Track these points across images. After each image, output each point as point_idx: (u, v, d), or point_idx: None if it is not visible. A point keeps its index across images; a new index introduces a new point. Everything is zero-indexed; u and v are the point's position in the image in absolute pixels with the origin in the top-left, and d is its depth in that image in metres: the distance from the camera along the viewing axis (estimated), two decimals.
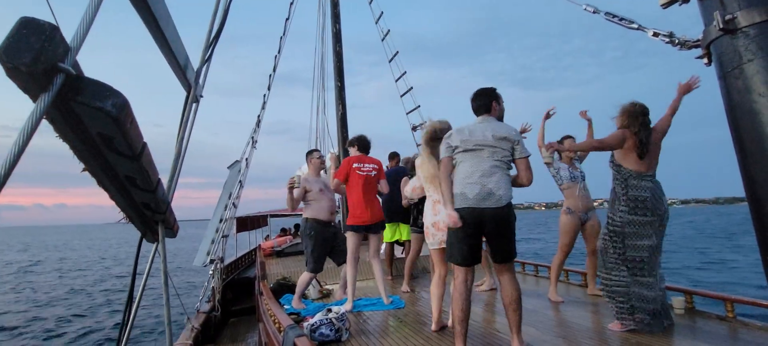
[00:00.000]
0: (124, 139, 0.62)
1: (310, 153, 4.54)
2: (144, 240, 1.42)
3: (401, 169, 5.36)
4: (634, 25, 1.53)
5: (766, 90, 1.12)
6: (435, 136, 3.13)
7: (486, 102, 2.77)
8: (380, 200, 4.40)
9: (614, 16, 1.64)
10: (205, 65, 1.25)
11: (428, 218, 3.24)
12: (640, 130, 2.95)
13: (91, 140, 0.64)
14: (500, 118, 2.86)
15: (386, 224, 5.43)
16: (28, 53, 0.45)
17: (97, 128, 0.60)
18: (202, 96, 1.29)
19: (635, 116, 2.98)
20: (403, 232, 5.35)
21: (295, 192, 4.17)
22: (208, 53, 1.21)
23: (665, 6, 1.37)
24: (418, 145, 6.76)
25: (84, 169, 0.73)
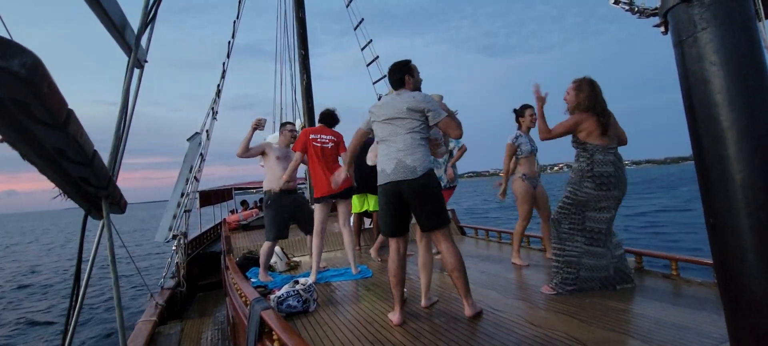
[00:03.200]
0: (43, 106, 0.55)
1: (283, 125, 4.61)
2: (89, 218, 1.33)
3: (369, 140, 5.32)
4: None
5: (718, 59, 1.15)
6: None
7: (399, 76, 2.87)
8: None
9: None
10: (149, 27, 1.14)
11: None
12: (603, 109, 3.05)
13: (4, 107, 0.56)
14: (416, 90, 2.93)
15: (355, 195, 5.42)
16: None
17: (8, 93, 0.52)
18: (146, 61, 1.19)
19: (597, 96, 3.06)
20: (371, 202, 5.36)
21: (254, 132, 4.16)
22: (151, 13, 1.10)
23: None
24: None
25: (1, 141, 0.65)
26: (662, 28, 1.37)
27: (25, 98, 0.52)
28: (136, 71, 1.13)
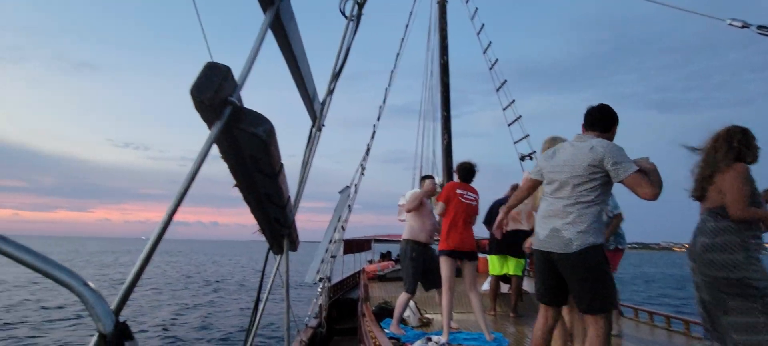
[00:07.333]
0: (268, 160, 0.73)
1: (424, 178, 4.77)
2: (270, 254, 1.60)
3: (504, 199, 5.13)
4: None
5: None
6: None
7: (605, 120, 2.41)
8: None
9: None
10: (329, 97, 1.40)
11: None
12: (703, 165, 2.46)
13: (243, 161, 0.77)
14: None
15: (494, 255, 5.20)
16: (210, 89, 0.58)
17: (250, 150, 0.72)
18: (324, 125, 1.44)
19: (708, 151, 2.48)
20: (511, 265, 5.04)
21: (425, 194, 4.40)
22: (332, 86, 1.36)
23: None
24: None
25: (235, 186, 0.87)
26: None
27: (259, 154, 0.71)
28: (317, 133, 1.37)
